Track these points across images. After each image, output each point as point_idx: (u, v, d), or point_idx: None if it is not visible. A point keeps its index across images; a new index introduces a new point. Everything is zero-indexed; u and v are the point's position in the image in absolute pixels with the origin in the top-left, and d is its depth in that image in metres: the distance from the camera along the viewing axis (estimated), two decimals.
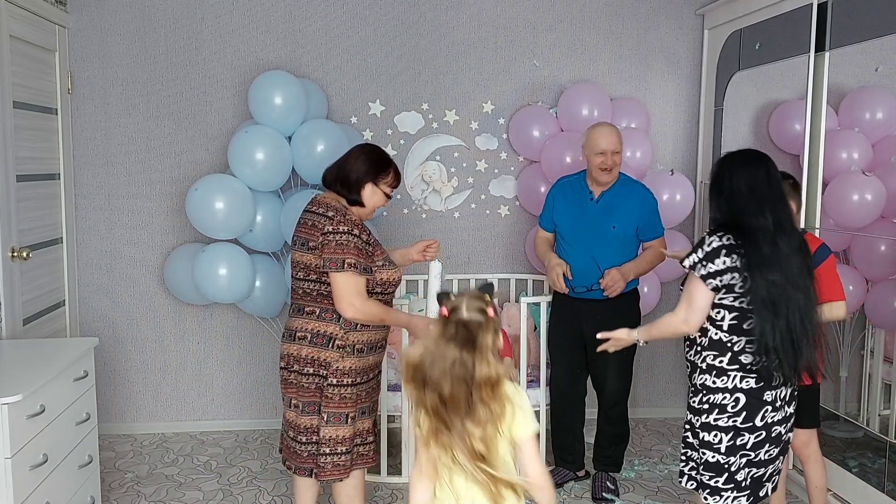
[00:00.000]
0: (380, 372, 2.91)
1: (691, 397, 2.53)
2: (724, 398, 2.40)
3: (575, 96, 4.24)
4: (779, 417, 2.42)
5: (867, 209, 3.48)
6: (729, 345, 2.39)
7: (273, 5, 4.26)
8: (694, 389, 2.51)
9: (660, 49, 4.49)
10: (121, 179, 4.26)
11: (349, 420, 2.73)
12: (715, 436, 2.42)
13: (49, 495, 2.62)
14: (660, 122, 4.53)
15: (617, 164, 3.43)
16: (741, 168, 2.39)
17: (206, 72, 4.25)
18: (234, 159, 3.78)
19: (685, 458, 2.57)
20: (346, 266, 2.61)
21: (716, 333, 2.41)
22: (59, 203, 4.06)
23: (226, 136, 4.23)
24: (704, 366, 2.44)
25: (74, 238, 4.22)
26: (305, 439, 2.74)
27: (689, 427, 2.53)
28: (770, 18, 3.80)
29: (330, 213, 2.68)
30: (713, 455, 2.44)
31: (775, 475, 2.52)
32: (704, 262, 2.35)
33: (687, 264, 2.40)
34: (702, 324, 2.42)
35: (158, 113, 4.25)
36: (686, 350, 2.56)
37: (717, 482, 2.45)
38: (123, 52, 4.20)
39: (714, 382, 2.42)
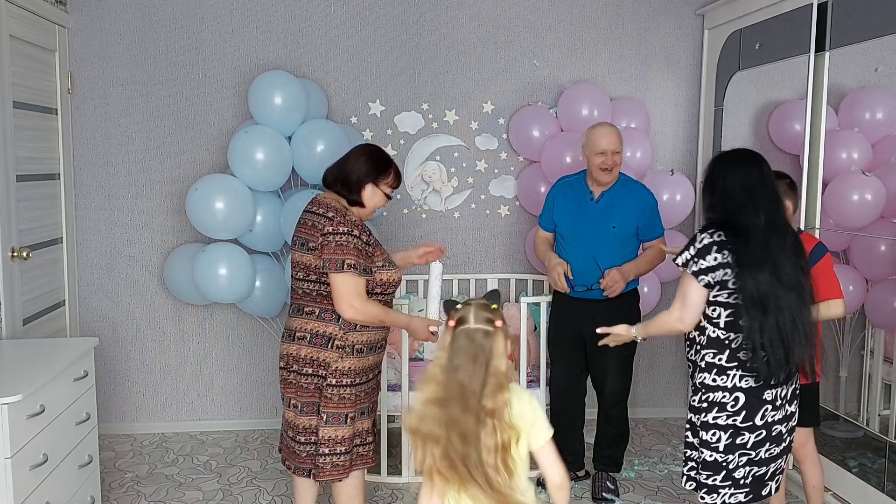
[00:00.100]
0: (379, 372, 2.91)
1: (692, 396, 2.53)
2: (724, 396, 2.40)
3: (575, 96, 4.23)
4: (779, 416, 2.42)
5: (867, 209, 3.48)
6: (727, 342, 2.39)
7: (273, 5, 4.26)
8: (694, 388, 2.52)
9: (660, 49, 4.49)
10: (121, 179, 4.26)
11: (348, 420, 2.73)
12: (713, 434, 2.43)
13: (49, 495, 2.62)
14: (660, 122, 4.53)
15: (617, 164, 3.43)
16: (735, 167, 2.39)
17: (206, 72, 4.25)
18: (234, 159, 3.78)
19: (686, 459, 2.57)
20: (346, 267, 2.61)
21: (713, 331, 2.41)
22: (59, 203, 4.06)
23: (226, 136, 4.23)
24: (704, 364, 2.45)
25: (74, 238, 4.22)
26: (304, 439, 2.74)
27: (690, 426, 2.53)
28: (770, 18, 3.80)
29: (330, 214, 2.68)
30: (711, 454, 2.44)
31: (778, 474, 2.51)
32: (696, 259, 2.35)
33: (679, 262, 2.42)
34: (697, 322, 2.43)
35: (158, 113, 4.25)
36: (687, 350, 2.57)
37: (715, 480, 2.45)
38: (123, 52, 4.20)
39: (714, 381, 2.42)
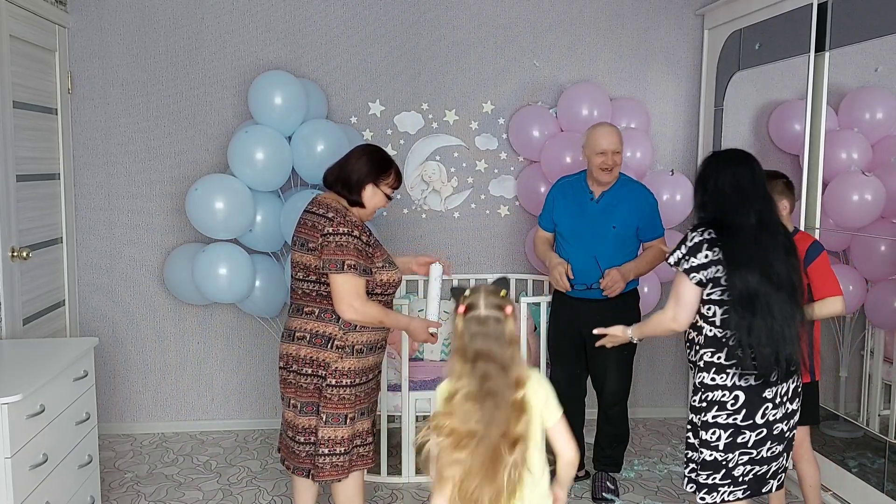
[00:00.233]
0: (379, 372, 2.91)
1: (692, 397, 2.53)
2: (724, 395, 2.40)
3: (575, 96, 4.23)
4: (780, 414, 2.42)
5: (867, 209, 3.49)
6: (724, 340, 2.39)
7: (273, 5, 4.26)
8: (694, 388, 2.52)
9: (660, 49, 4.49)
10: (121, 179, 4.26)
11: (348, 421, 2.72)
12: (713, 433, 2.42)
13: (49, 495, 2.62)
14: (660, 122, 4.53)
15: (617, 164, 3.43)
16: (726, 167, 2.41)
17: (206, 72, 4.25)
18: (234, 159, 3.78)
19: (687, 461, 2.57)
20: (346, 267, 2.61)
21: (710, 330, 2.41)
22: (59, 203, 4.06)
23: (226, 136, 4.23)
24: (702, 363, 2.45)
25: (74, 238, 4.22)
26: (304, 439, 2.74)
27: (691, 426, 2.53)
28: (770, 18, 3.80)
29: (330, 215, 2.68)
30: (711, 453, 2.44)
31: (780, 472, 2.52)
32: (687, 257, 2.37)
33: (671, 261, 2.43)
34: (691, 321, 2.44)
35: (158, 113, 4.25)
36: (687, 351, 2.57)
37: (715, 479, 2.45)
38: (123, 52, 4.20)
39: (713, 380, 2.42)
